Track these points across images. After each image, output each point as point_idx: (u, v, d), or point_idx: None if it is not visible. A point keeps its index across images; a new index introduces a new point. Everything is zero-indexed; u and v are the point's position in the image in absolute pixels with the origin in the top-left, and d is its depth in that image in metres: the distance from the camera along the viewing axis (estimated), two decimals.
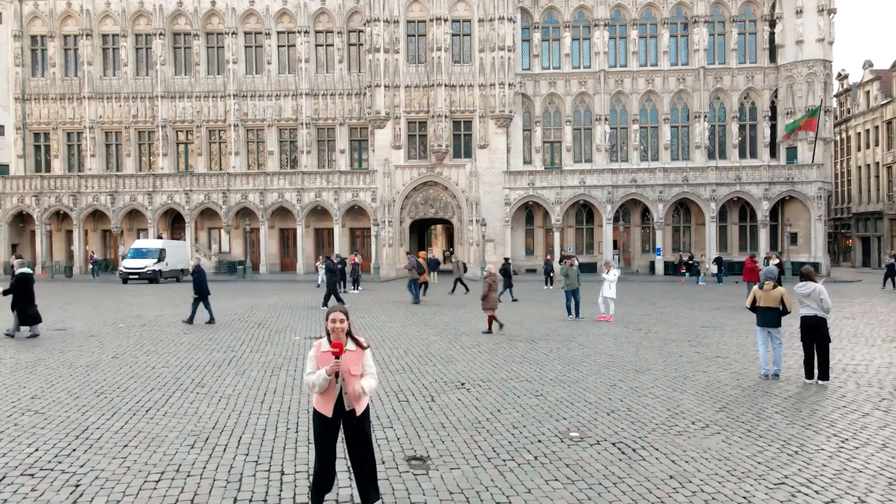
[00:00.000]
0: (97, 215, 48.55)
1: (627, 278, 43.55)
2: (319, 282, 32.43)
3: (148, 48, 49.32)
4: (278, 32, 49.00)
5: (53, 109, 49.04)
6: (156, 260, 37.69)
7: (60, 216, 48.63)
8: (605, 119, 47.98)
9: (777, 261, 30.35)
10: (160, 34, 48.44)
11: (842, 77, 64.26)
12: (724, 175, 46.14)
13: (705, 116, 47.73)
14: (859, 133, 60.79)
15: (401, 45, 46.50)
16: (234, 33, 48.48)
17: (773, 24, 47.49)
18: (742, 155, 48.20)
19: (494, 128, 46.64)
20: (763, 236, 46.33)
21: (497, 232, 46.64)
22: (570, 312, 20.11)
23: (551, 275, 34.45)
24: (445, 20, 46.14)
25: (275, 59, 48.84)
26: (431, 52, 46.28)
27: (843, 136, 63.44)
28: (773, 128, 47.86)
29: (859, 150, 60.98)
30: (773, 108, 47.75)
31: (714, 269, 41.38)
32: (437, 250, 73.38)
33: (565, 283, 20.52)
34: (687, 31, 48.24)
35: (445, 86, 46.19)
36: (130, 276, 36.86)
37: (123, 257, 38.18)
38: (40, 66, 49.52)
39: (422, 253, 33.76)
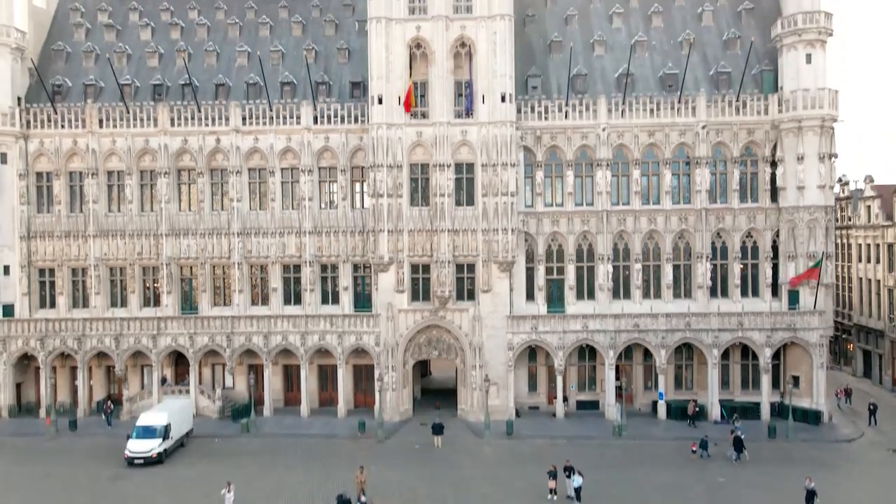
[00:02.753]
0: (102, 352, 48.66)
1: (629, 420, 43.86)
2: None
3: (153, 185, 49.61)
4: (282, 169, 49.26)
5: (58, 247, 49.25)
6: (161, 440, 37.78)
7: (65, 353, 48.74)
8: (608, 258, 48.19)
9: (812, 485, 30.62)
10: (165, 173, 48.71)
11: (843, 183, 64.50)
12: (727, 321, 46.35)
13: (708, 257, 47.94)
14: (860, 244, 60.97)
15: (404, 189, 46.77)
16: (238, 172, 48.75)
17: (774, 165, 47.74)
18: (744, 293, 48.39)
19: (497, 272, 46.84)
20: (765, 381, 46.49)
21: (500, 375, 46.78)
22: None
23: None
24: (448, 166, 46.45)
25: (278, 197, 49.09)
26: (434, 196, 46.57)
27: (844, 241, 63.62)
28: (775, 267, 48.06)
29: (860, 261, 61.15)
30: (775, 248, 47.97)
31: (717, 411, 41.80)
32: None
33: None
34: (689, 170, 48.50)
35: (448, 231, 46.49)
36: (136, 461, 36.98)
37: (129, 437, 38.28)
38: (45, 204, 49.77)
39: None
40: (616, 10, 52.75)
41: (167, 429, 38.44)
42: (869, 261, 59.75)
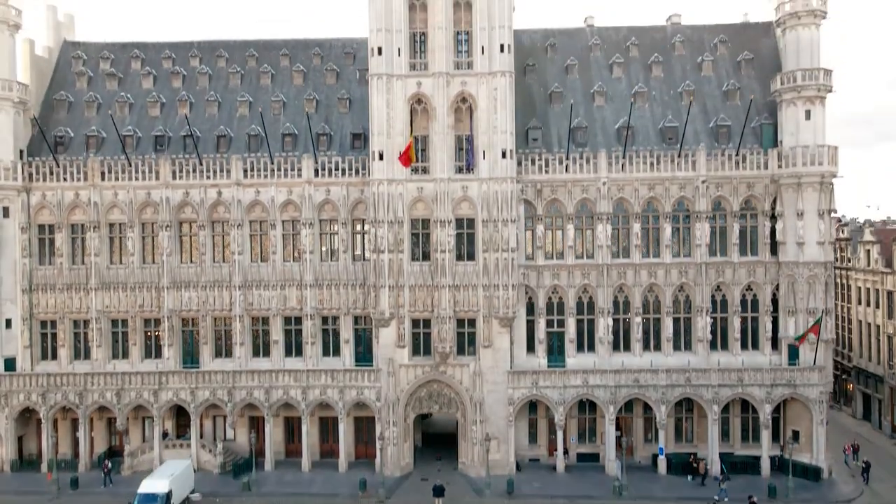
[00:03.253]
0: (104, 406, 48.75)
1: (629, 474, 43.97)
2: None
3: (154, 237, 49.74)
4: (283, 221, 49.42)
5: (60, 299, 49.37)
6: None
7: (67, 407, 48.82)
8: (608, 312, 48.31)
9: None
10: (166, 226, 48.85)
11: (841, 224, 64.69)
12: (727, 377, 46.49)
13: (708, 310, 48.07)
14: (860, 287, 61.12)
15: (405, 245, 46.95)
16: (239, 225, 48.90)
17: (773, 219, 47.88)
18: (744, 346, 48.52)
19: (498, 327, 46.98)
20: (765, 436, 46.58)
21: (501, 429, 46.91)
22: None
23: None
24: (449, 222, 46.63)
25: (279, 249, 49.24)
26: (435, 252, 46.73)
27: (844, 282, 63.76)
28: (776, 320, 48.18)
29: (860, 303, 61.29)
30: (775, 301, 48.10)
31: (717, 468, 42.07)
32: None
33: None
34: (689, 223, 48.63)
35: (449, 287, 46.64)
36: None
37: (130, 503, 38.43)
38: (47, 256, 49.92)
39: None
40: (616, 60, 52.93)
41: (168, 496, 38.52)
42: (868, 304, 59.88)
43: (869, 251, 59.04)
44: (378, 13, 46.63)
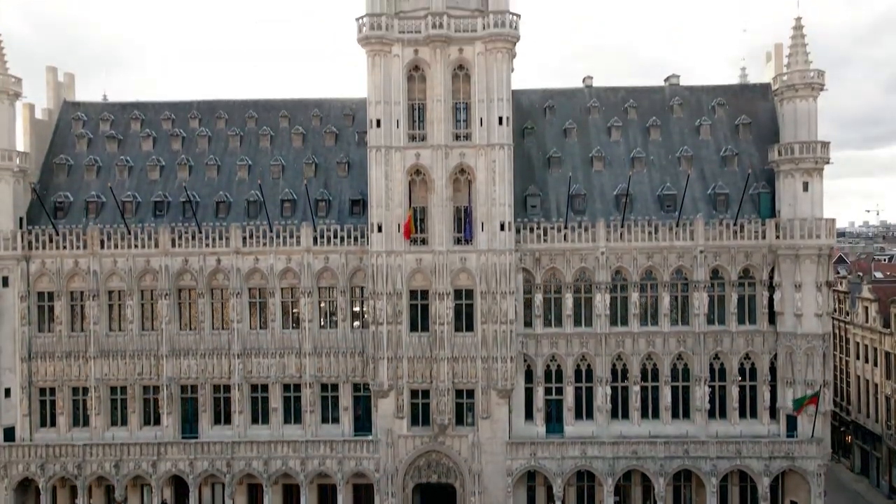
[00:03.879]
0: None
1: None
2: None
3: (153, 303, 49.82)
4: (282, 289, 49.50)
5: (59, 367, 49.40)
6: None
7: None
8: (607, 380, 48.39)
9: None
10: (165, 295, 48.93)
11: (840, 277, 64.80)
12: (725, 449, 46.61)
13: (706, 380, 48.16)
14: (858, 343, 61.24)
15: (403, 316, 47.08)
16: (238, 294, 49.00)
17: (771, 289, 47.97)
18: (742, 415, 48.57)
19: (497, 398, 47.10)
20: None
21: (499, 500, 46.97)
22: None
23: None
24: (448, 294, 46.75)
25: (278, 317, 49.32)
26: (434, 324, 46.85)
27: (842, 334, 63.89)
28: (773, 389, 48.26)
29: (858, 358, 61.42)
30: (773, 370, 48.19)
31: None
32: None
33: None
34: (687, 292, 48.73)
35: (448, 359, 46.74)
36: None
37: None
38: (46, 323, 49.98)
39: None
40: (615, 124, 53.05)
41: None
42: (867, 361, 60.01)
43: (867, 308, 59.19)
44: (377, 86, 46.82)
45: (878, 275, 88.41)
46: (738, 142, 52.25)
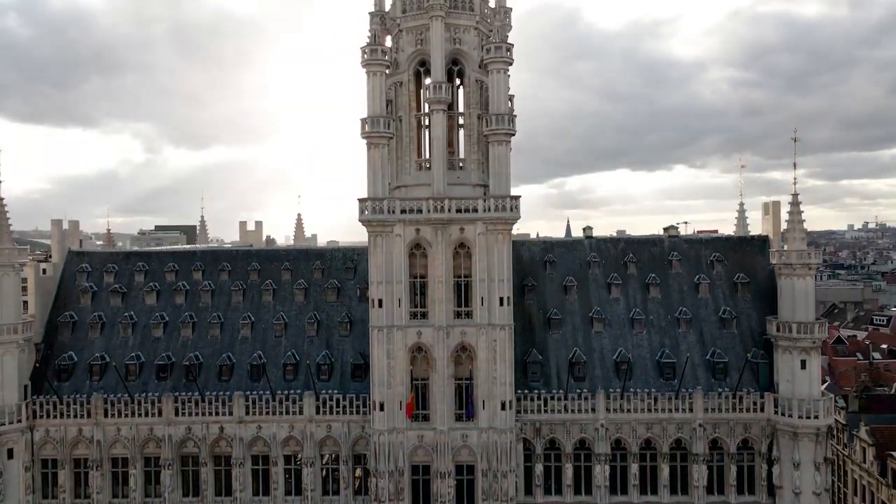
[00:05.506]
0: None
1: None
2: None
3: (157, 471, 50.13)
4: (285, 456, 49.87)
5: None
6: None
7: None
8: None
9: None
10: (168, 465, 49.28)
11: (839, 407, 65.14)
12: None
13: None
14: (855, 479, 61.61)
15: (405, 494, 47.45)
16: (241, 464, 49.36)
17: (770, 462, 48.35)
18: None
19: None
20: None
21: None
22: None
23: None
24: (449, 473, 47.11)
25: (281, 485, 49.67)
26: (435, 502, 47.19)
27: (841, 464, 64.25)
28: None
29: (856, 494, 61.79)
30: None
31: None
32: None
33: None
34: (686, 462, 49.11)
35: None
36: None
37: None
38: (50, 490, 50.27)
39: None
40: (614, 281, 53.57)
41: None
42: (864, 500, 60.34)
43: (865, 449, 59.56)
44: (379, 266, 47.31)
45: (878, 356, 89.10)
46: (737, 301, 52.73)
